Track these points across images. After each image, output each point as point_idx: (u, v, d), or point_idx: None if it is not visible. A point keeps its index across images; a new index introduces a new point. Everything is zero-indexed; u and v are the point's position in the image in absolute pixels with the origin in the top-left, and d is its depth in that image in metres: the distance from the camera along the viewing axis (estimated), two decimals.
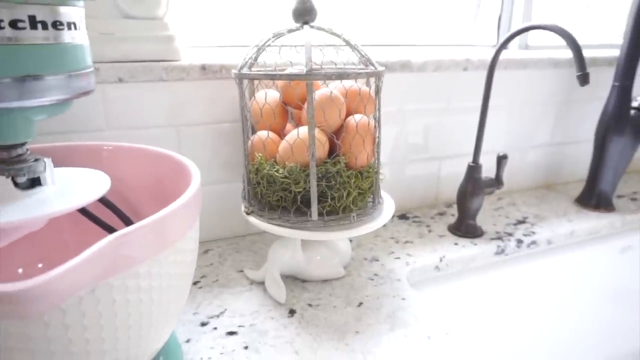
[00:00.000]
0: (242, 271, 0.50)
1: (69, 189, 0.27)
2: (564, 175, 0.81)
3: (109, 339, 0.24)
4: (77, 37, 0.25)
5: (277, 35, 0.45)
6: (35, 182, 0.26)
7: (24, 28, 0.22)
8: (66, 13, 0.24)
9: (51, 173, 0.27)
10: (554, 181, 0.80)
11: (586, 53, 0.73)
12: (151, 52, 0.48)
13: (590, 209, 0.69)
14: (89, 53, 0.27)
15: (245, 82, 0.45)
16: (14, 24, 0.22)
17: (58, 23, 0.24)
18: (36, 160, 0.26)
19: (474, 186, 0.58)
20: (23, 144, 0.26)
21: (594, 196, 0.69)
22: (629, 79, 0.63)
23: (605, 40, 0.85)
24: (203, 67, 0.50)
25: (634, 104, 0.65)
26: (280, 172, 0.42)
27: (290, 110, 0.48)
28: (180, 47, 0.50)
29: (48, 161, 0.27)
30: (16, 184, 0.25)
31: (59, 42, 0.24)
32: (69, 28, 0.25)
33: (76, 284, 0.21)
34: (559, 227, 0.63)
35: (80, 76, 0.26)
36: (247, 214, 0.45)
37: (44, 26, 0.23)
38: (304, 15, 0.44)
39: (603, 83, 0.73)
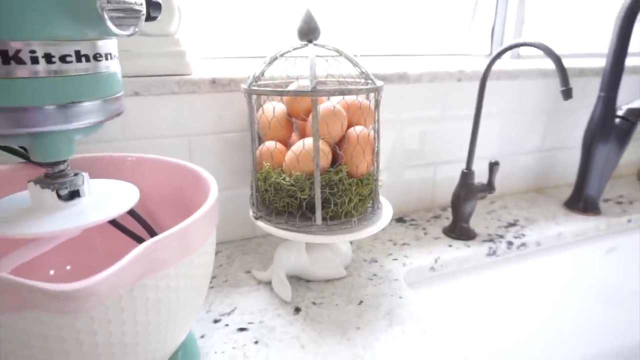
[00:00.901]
0: (249, 272, 0.53)
1: (103, 200, 0.30)
2: (553, 179, 0.85)
3: (143, 332, 0.27)
4: (111, 66, 0.29)
5: (283, 53, 0.48)
6: (74, 194, 0.29)
7: (71, 62, 0.26)
8: (104, 45, 0.28)
9: (88, 186, 0.30)
10: (544, 185, 0.84)
11: (575, 63, 0.77)
12: (164, 67, 0.52)
13: (578, 213, 0.72)
14: (121, 79, 0.30)
15: (254, 96, 0.49)
16: (63, 59, 0.25)
17: (98, 55, 0.27)
18: (76, 174, 0.29)
19: (467, 191, 0.61)
20: (65, 161, 0.29)
21: (581, 200, 0.73)
22: (613, 90, 0.66)
23: (600, 43, 0.88)
24: (213, 81, 0.53)
25: (619, 112, 0.69)
26: (286, 180, 0.46)
27: (294, 121, 0.51)
28: (191, 61, 0.53)
29: (86, 175, 0.30)
30: (59, 196, 0.28)
31: (97, 71, 0.27)
32: (106, 59, 0.28)
33: (118, 284, 0.24)
34: (548, 229, 0.67)
35: (113, 100, 0.29)
36: (256, 218, 0.49)
37: (87, 59, 0.26)
38: (309, 34, 0.47)
39: (590, 92, 0.76)
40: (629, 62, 0.68)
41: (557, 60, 0.49)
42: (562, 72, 0.48)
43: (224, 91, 0.54)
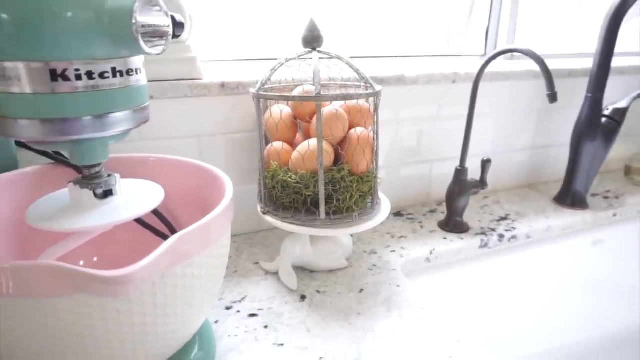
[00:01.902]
0: (257, 263, 0.57)
1: (132, 198, 0.34)
2: (544, 175, 0.88)
3: (171, 314, 0.31)
4: (140, 80, 0.32)
5: (289, 59, 0.52)
6: (108, 193, 0.33)
7: (108, 77, 0.29)
8: (134, 61, 0.31)
9: (120, 185, 0.34)
10: (535, 181, 0.88)
11: (566, 64, 0.80)
12: (177, 72, 0.55)
13: (566, 207, 0.76)
14: (147, 90, 0.34)
15: (262, 100, 0.52)
16: (101, 75, 0.29)
17: (130, 70, 0.31)
18: (109, 175, 0.33)
19: (460, 187, 0.65)
20: (100, 164, 0.33)
21: (570, 195, 0.76)
22: (599, 91, 0.70)
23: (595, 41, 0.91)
24: (222, 85, 0.56)
25: (605, 112, 0.73)
26: (293, 178, 0.50)
27: (299, 123, 0.55)
28: (201, 66, 0.57)
29: (117, 176, 0.34)
30: (95, 195, 0.32)
31: (128, 85, 0.31)
32: (136, 73, 0.32)
33: (152, 272, 0.28)
34: (537, 223, 0.71)
35: (141, 110, 0.33)
36: (264, 213, 0.53)
37: (121, 74, 0.30)
38: (312, 42, 0.51)
39: (579, 92, 0.80)
40: (616, 62, 0.71)
41: (543, 65, 0.52)
42: (548, 77, 0.52)
43: (233, 94, 0.58)
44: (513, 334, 0.73)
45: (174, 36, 0.32)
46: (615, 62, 0.71)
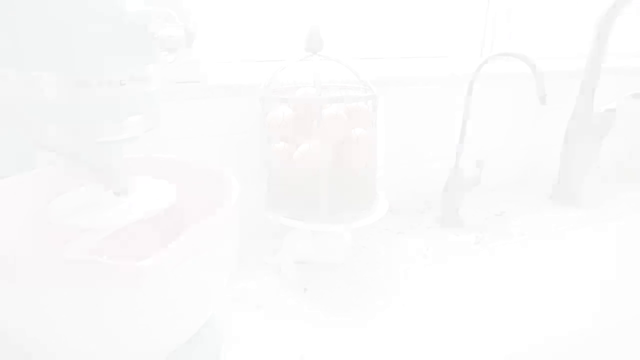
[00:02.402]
0: (261, 257, 0.60)
1: (146, 197, 0.37)
2: (540, 173, 0.91)
3: (182, 306, 0.34)
4: (154, 87, 0.35)
5: (292, 63, 0.54)
6: (124, 192, 0.35)
7: (125, 85, 0.32)
8: (149, 70, 0.34)
9: (134, 185, 0.36)
10: (531, 179, 0.90)
11: (563, 65, 0.82)
12: (182, 74, 0.57)
13: (560, 204, 0.79)
14: (159, 96, 0.36)
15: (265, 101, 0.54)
16: (120, 83, 0.31)
17: (145, 78, 0.33)
18: (125, 175, 0.35)
19: (456, 185, 0.68)
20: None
21: (563, 193, 0.79)
22: (591, 92, 0.72)
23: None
24: (226, 87, 0.59)
25: (597, 112, 0.75)
26: (295, 177, 0.52)
27: (302, 124, 0.57)
28: (206, 69, 0.59)
29: (134, 176, 0.36)
30: (113, 194, 0.35)
31: (143, 91, 0.33)
32: (150, 80, 0.34)
33: (165, 265, 0.30)
34: (531, 219, 0.73)
35: (154, 115, 0.35)
36: (268, 210, 0.55)
37: (137, 82, 0.32)
38: (314, 47, 0.53)
39: (574, 92, 0.82)
40: (608, 63, 0.73)
41: (534, 68, 0.55)
42: (539, 80, 0.54)
43: (236, 96, 0.60)
44: (507, 328, 0.75)
45: (186, 45, 0.35)
46: (608, 63, 0.73)
